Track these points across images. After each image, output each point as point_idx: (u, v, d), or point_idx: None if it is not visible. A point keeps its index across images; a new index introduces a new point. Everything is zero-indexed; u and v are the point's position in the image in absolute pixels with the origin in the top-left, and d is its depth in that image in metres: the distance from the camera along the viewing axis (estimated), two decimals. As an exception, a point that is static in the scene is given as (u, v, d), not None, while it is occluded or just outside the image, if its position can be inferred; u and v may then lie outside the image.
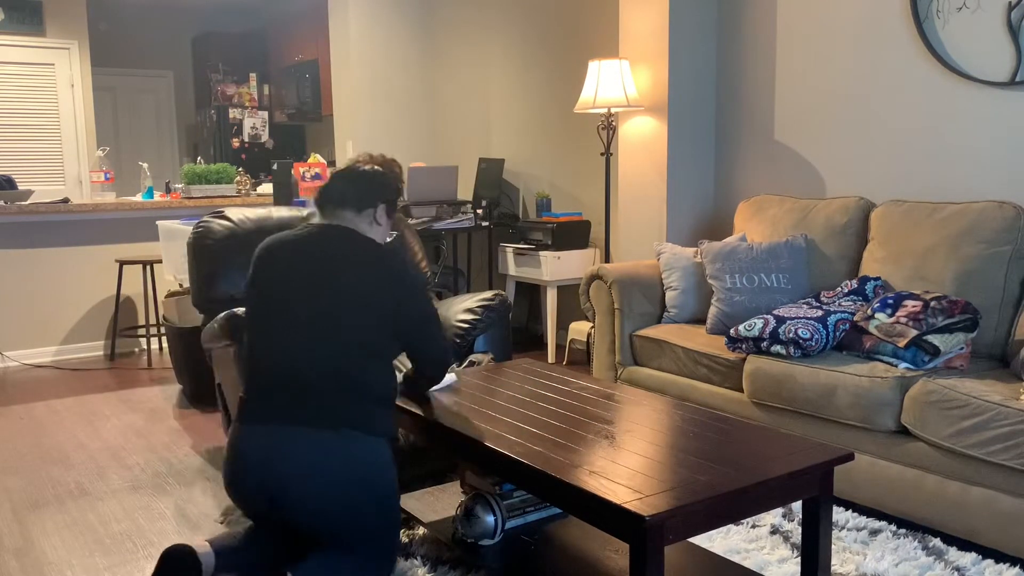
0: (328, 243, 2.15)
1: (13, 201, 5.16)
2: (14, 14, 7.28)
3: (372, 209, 2.24)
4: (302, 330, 2.06)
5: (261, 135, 8.68)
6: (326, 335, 2.04)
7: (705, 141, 4.22)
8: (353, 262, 2.11)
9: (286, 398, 2.03)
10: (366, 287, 2.08)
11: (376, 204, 2.25)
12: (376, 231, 2.26)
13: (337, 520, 2.00)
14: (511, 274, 5.16)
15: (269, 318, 2.11)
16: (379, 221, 2.26)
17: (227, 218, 3.35)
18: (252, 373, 2.11)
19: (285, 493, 1.98)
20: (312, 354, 2.04)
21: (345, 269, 2.09)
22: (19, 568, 2.50)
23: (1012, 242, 2.84)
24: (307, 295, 2.08)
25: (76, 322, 5.43)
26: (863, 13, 3.55)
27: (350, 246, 2.14)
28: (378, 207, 2.25)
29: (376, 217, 2.25)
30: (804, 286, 3.35)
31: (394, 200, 2.30)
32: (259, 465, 2.00)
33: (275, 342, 2.08)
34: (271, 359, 2.07)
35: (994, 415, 2.30)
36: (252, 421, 2.05)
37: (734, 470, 1.80)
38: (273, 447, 2.00)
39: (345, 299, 2.07)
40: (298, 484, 1.97)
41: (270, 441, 2.00)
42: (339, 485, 1.98)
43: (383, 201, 2.26)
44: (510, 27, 5.71)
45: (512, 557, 2.19)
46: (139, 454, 3.50)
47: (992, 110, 3.15)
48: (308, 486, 1.97)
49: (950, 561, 2.36)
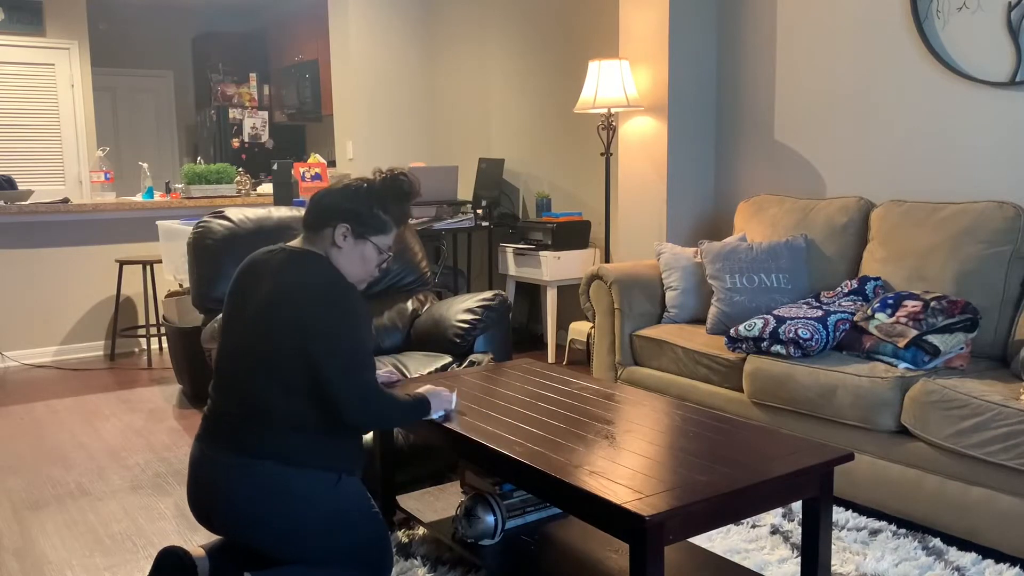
0: (274, 266, 2.03)
1: (13, 201, 5.16)
2: (14, 14, 7.28)
3: (330, 229, 2.05)
4: (233, 353, 2.02)
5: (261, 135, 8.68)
6: (247, 360, 1.98)
7: (705, 141, 4.22)
8: (280, 288, 1.97)
9: (212, 418, 2.04)
10: (280, 315, 1.94)
11: (334, 224, 2.04)
12: (338, 254, 2.06)
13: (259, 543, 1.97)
14: (511, 274, 5.16)
15: (228, 333, 2.08)
16: (337, 243, 2.05)
17: (227, 218, 3.35)
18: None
19: (207, 518, 2.01)
20: (235, 378, 2.00)
21: (272, 295, 1.97)
22: (19, 568, 2.50)
23: (1012, 242, 2.84)
24: (244, 318, 2.02)
25: (76, 322, 5.43)
26: (863, 13, 3.55)
27: (285, 271, 2.00)
28: (336, 227, 2.04)
29: (335, 239, 2.05)
30: (804, 286, 3.35)
31: (361, 219, 2.06)
32: (192, 487, 2.03)
33: (218, 361, 2.07)
34: (215, 377, 2.08)
35: (994, 415, 2.30)
36: (197, 438, 2.07)
37: (734, 470, 1.80)
38: (196, 468, 2.02)
39: (265, 326, 1.96)
40: (219, 513, 1.97)
41: (196, 462, 2.03)
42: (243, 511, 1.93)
43: (344, 221, 2.04)
44: (510, 27, 5.71)
45: (512, 557, 2.19)
46: (139, 454, 3.50)
47: (992, 110, 3.15)
48: (219, 509, 1.96)
49: (950, 561, 2.36)
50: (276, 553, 1.98)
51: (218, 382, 2.06)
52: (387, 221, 2.10)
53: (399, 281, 3.62)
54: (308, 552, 1.97)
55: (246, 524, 1.95)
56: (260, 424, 1.95)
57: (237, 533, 1.98)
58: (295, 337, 1.93)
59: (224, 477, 1.95)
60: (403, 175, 2.14)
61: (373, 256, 2.10)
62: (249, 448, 1.94)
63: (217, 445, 1.98)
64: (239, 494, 1.93)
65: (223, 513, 1.96)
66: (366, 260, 2.09)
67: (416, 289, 3.66)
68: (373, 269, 2.13)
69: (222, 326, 2.11)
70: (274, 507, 1.92)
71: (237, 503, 1.94)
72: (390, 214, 2.10)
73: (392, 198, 2.11)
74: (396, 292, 3.61)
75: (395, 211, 2.12)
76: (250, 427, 1.96)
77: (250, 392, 1.96)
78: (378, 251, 2.10)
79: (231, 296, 2.10)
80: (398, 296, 3.58)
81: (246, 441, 1.95)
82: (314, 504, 1.94)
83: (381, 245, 2.10)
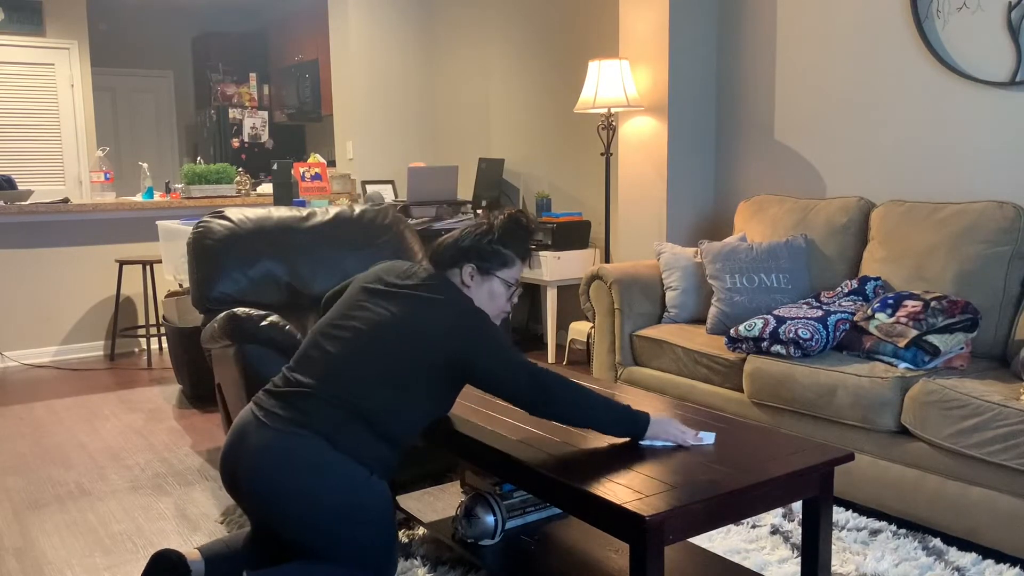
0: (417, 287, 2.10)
1: (13, 201, 5.16)
2: (14, 14, 7.28)
3: (457, 270, 2.17)
4: (342, 339, 2.07)
5: (261, 135, 8.68)
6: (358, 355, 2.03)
7: (705, 141, 4.22)
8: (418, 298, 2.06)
9: (284, 386, 2.06)
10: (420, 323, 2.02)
11: (460, 264, 2.16)
12: (469, 294, 2.15)
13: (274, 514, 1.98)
14: (511, 274, 5.15)
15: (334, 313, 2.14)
16: (465, 282, 2.16)
17: (227, 218, 3.35)
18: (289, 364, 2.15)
19: (235, 476, 2.02)
20: (336, 364, 2.03)
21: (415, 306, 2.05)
22: (19, 568, 2.50)
23: (1012, 242, 2.84)
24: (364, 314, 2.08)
25: (76, 322, 5.43)
26: (863, 13, 3.55)
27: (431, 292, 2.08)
28: (463, 267, 2.16)
29: (463, 278, 2.16)
30: (804, 286, 3.35)
31: (484, 256, 2.16)
32: (231, 447, 2.05)
33: (318, 337, 2.11)
34: (306, 349, 2.11)
35: (994, 415, 2.30)
36: (254, 401, 2.09)
37: (734, 470, 1.80)
38: (243, 430, 2.04)
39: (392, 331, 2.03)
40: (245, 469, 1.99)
41: (246, 425, 2.04)
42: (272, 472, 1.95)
43: (469, 260, 2.16)
44: (510, 27, 5.71)
45: (512, 557, 2.19)
46: (139, 454, 3.50)
47: (992, 110, 3.15)
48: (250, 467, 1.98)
49: (950, 561, 2.36)
50: (285, 530, 1.97)
51: (303, 363, 2.08)
52: (508, 255, 2.18)
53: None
54: (318, 537, 1.97)
55: (270, 487, 1.95)
56: (338, 409, 1.98)
57: (257, 498, 1.98)
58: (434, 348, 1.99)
59: (268, 437, 1.97)
60: (519, 212, 2.25)
61: (501, 291, 2.18)
62: (310, 424, 1.97)
63: (275, 412, 2.01)
64: (275, 455, 1.95)
65: (251, 472, 1.97)
66: (495, 296, 2.18)
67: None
68: (504, 304, 2.20)
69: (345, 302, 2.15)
70: (303, 478, 1.94)
71: (270, 463, 1.95)
72: (511, 248, 2.19)
73: (510, 233, 2.20)
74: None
75: (516, 246, 2.20)
76: (325, 407, 1.99)
77: (351, 384, 2.00)
78: (506, 285, 2.19)
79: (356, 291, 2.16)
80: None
81: (312, 418, 1.98)
82: (341, 488, 1.97)
83: (508, 279, 2.19)
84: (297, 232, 3.40)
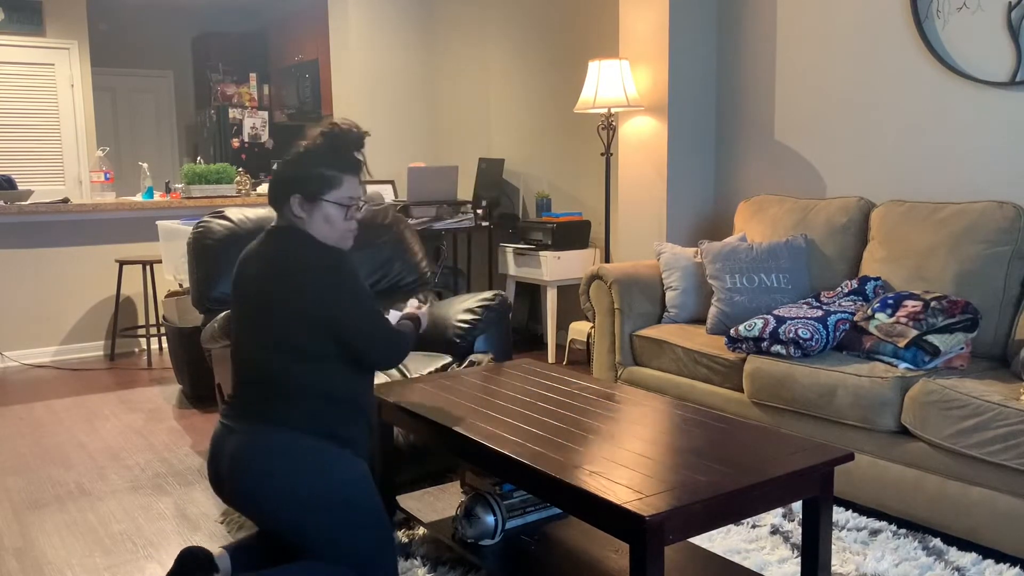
0: (261, 247, 2.10)
1: (13, 201, 5.16)
2: (14, 14, 7.28)
3: (286, 205, 2.06)
4: (243, 336, 2.10)
5: (261, 135, 8.68)
6: (254, 337, 2.05)
7: (705, 141, 4.22)
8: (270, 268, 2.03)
9: (232, 397, 2.12)
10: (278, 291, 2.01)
11: (287, 196, 2.06)
12: (304, 224, 2.06)
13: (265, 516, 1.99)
14: (511, 274, 5.16)
15: (236, 321, 2.16)
16: (296, 213, 2.05)
17: (227, 218, 3.35)
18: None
19: (221, 485, 2.06)
20: (248, 357, 2.08)
21: (263, 268, 2.05)
22: (19, 568, 2.50)
23: (1012, 242, 2.84)
24: (246, 301, 2.09)
25: (76, 322, 5.43)
26: (863, 13, 3.55)
27: (268, 249, 2.07)
28: (290, 199, 2.05)
29: (294, 211, 2.06)
30: (804, 286, 3.35)
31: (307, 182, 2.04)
32: (211, 458, 2.10)
33: (234, 344, 2.15)
34: (232, 364, 2.16)
35: (994, 415, 2.30)
36: (221, 417, 2.14)
37: (734, 470, 1.80)
38: (216, 441, 2.09)
39: (263, 299, 2.03)
40: (227, 477, 2.02)
41: (217, 436, 2.10)
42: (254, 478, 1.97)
43: (294, 191, 2.04)
44: (510, 27, 5.71)
45: (512, 557, 2.19)
46: (139, 454, 3.50)
47: (992, 110, 3.15)
48: (233, 479, 2.00)
49: (950, 561, 2.36)
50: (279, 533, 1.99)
51: (235, 367, 2.13)
52: (333, 175, 2.06)
53: (399, 281, 3.62)
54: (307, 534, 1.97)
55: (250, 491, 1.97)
56: (270, 393, 2.02)
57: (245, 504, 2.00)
58: (299, 310, 1.98)
59: (235, 442, 2.01)
60: (335, 123, 2.11)
61: (336, 214, 2.07)
62: (261, 414, 2.01)
63: (233, 418, 2.06)
64: (246, 456, 1.98)
65: (232, 481, 2.00)
66: (331, 220, 2.07)
67: (416, 289, 3.66)
68: (344, 225, 2.09)
69: (232, 318, 2.17)
70: (275, 472, 1.96)
71: (243, 467, 1.98)
72: (335, 167, 2.06)
73: (332, 150, 2.08)
74: (396, 292, 3.61)
75: (340, 162, 2.07)
76: (261, 397, 2.03)
77: (260, 363, 2.03)
78: (338, 206, 2.07)
79: (234, 287, 2.17)
80: (398, 296, 3.58)
81: (258, 410, 2.02)
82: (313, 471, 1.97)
83: (339, 200, 2.07)
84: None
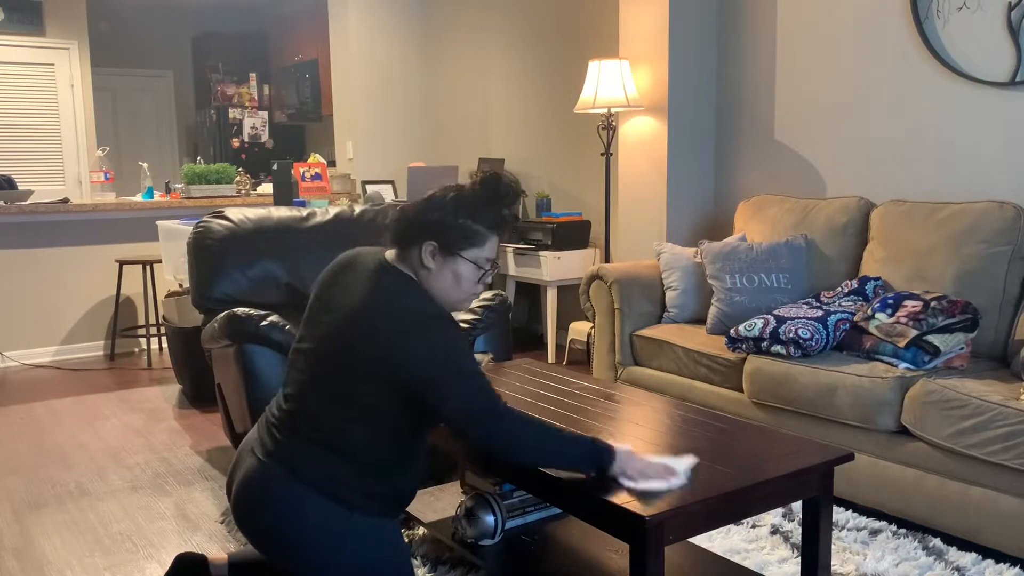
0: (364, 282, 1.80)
1: (13, 201, 5.16)
2: (14, 14, 7.28)
3: (416, 248, 1.80)
4: (304, 357, 1.85)
5: (261, 135, 8.68)
6: (314, 371, 1.80)
7: (705, 141, 4.21)
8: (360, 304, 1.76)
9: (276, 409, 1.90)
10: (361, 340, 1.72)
11: (419, 242, 1.79)
12: (428, 277, 1.80)
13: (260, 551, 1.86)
14: (511, 274, 5.16)
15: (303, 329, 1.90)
16: (426, 264, 1.78)
17: (227, 218, 3.35)
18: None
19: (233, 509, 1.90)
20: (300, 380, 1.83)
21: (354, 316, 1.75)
22: (19, 568, 2.50)
23: (1012, 242, 2.84)
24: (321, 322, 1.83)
25: (76, 322, 5.43)
26: (863, 13, 3.55)
27: (369, 287, 1.78)
28: (423, 246, 1.78)
29: (423, 259, 1.79)
30: (804, 286, 3.35)
31: (448, 231, 1.78)
32: (231, 467, 1.94)
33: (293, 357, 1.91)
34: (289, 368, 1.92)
35: (994, 415, 2.30)
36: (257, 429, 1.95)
37: (734, 470, 1.80)
38: (240, 452, 1.93)
39: (337, 345, 1.76)
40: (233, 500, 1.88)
41: (243, 445, 1.93)
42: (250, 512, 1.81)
43: (430, 237, 1.78)
44: (510, 27, 5.71)
45: (512, 557, 2.19)
46: (139, 454, 3.50)
47: (992, 110, 3.15)
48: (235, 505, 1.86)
49: (950, 561, 2.36)
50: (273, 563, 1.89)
51: (286, 385, 1.88)
52: (478, 231, 1.79)
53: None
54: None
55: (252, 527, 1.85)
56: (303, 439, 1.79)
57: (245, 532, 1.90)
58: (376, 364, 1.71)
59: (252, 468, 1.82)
60: (496, 175, 1.85)
61: (469, 273, 1.80)
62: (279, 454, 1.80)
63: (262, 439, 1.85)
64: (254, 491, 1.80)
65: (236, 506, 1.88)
66: (460, 279, 1.80)
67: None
68: (472, 288, 1.83)
69: (304, 318, 1.90)
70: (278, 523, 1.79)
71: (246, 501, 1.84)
72: (481, 222, 1.79)
73: (483, 202, 1.81)
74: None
75: (487, 217, 1.81)
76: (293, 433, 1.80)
77: (309, 405, 1.79)
78: (475, 267, 1.80)
79: (317, 298, 1.89)
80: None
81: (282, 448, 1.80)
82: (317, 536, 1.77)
83: (477, 259, 1.80)
84: (297, 232, 3.40)
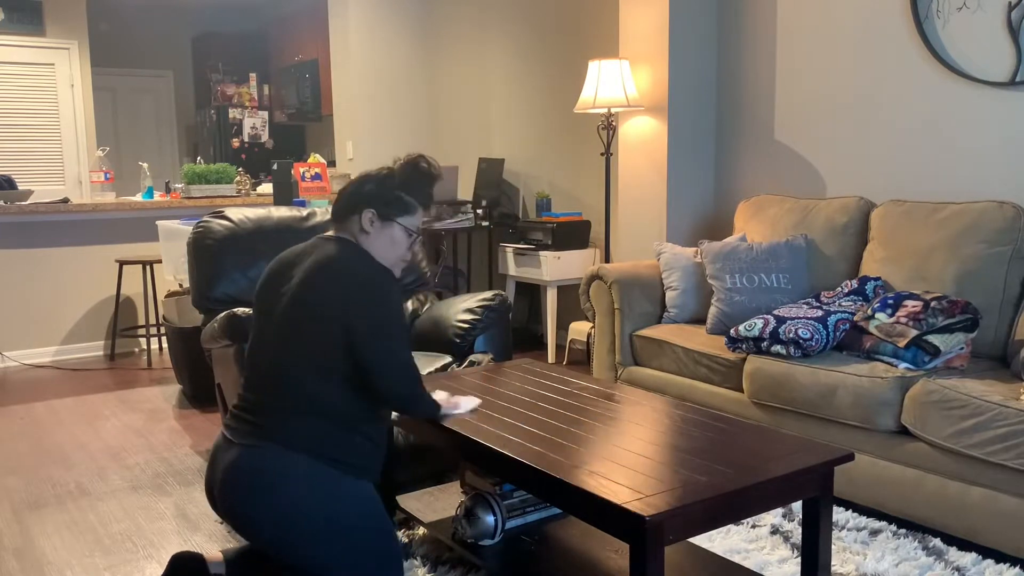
0: (307, 253, 2.09)
1: (13, 201, 5.16)
2: (14, 14, 7.28)
3: (356, 216, 2.10)
4: (267, 345, 2.05)
5: (261, 135, 8.68)
6: (282, 348, 2.00)
7: (705, 141, 4.22)
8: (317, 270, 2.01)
9: (239, 408, 2.06)
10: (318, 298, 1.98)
11: (360, 210, 2.10)
12: (368, 240, 2.10)
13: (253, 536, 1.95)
14: (511, 274, 5.16)
15: (257, 327, 2.11)
16: (365, 228, 2.09)
17: (227, 218, 3.35)
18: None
19: (214, 499, 2.02)
20: (268, 368, 2.02)
21: (309, 277, 2.01)
22: (19, 568, 2.50)
23: (1012, 242, 2.84)
24: (278, 309, 2.04)
25: (76, 322, 5.43)
26: (863, 13, 3.55)
27: (320, 254, 2.04)
28: (363, 213, 2.09)
29: (362, 224, 2.10)
30: (804, 286, 3.35)
31: (385, 201, 2.10)
32: (209, 466, 2.05)
33: (248, 357, 2.10)
34: (246, 372, 2.10)
35: (994, 415, 2.30)
36: (223, 426, 2.08)
37: (734, 470, 1.80)
38: (215, 451, 2.04)
39: (301, 311, 1.99)
40: (219, 492, 1.97)
41: (217, 446, 2.05)
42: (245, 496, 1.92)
43: (369, 205, 2.10)
44: (510, 27, 5.71)
45: (512, 557, 2.19)
46: (139, 454, 3.50)
47: (992, 110, 3.15)
48: (225, 495, 1.95)
49: (950, 561, 2.36)
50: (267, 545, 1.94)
51: (249, 377, 2.07)
52: (411, 202, 2.14)
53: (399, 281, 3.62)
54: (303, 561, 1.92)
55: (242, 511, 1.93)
56: (284, 407, 1.97)
57: (236, 521, 1.96)
58: (335, 320, 1.95)
59: (233, 455, 1.96)
60: (422, 158, 2.17)
61: (402, 238, 2.13)
62: (264, 429, 1.96)
63: (235, 430, 2.00)
64: (241, 473, 1.93)
65: (223, 493, 1.96)
66: (396, 242, 2.13)
67: (416, 289, 3.66)
68: (404, 252, 2.16)
69: (254, 324, 2.12)
70: (269, 496, 1.90)
71: (235, 484, 1.93)
72: (413, 195, 2.14)
73: (414, 181, 2.15)
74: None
75: (418, 193, 2.15)
76: (273, 410, 1.97)
77: (284, 378, 1.98)
78: (407, 232, 2.13)
79: (262, 291, 2.12)
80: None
81: (265, 424, 1.96)
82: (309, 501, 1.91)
83: (409, 226, 2.14)
84: (297, 232, 3.40)
